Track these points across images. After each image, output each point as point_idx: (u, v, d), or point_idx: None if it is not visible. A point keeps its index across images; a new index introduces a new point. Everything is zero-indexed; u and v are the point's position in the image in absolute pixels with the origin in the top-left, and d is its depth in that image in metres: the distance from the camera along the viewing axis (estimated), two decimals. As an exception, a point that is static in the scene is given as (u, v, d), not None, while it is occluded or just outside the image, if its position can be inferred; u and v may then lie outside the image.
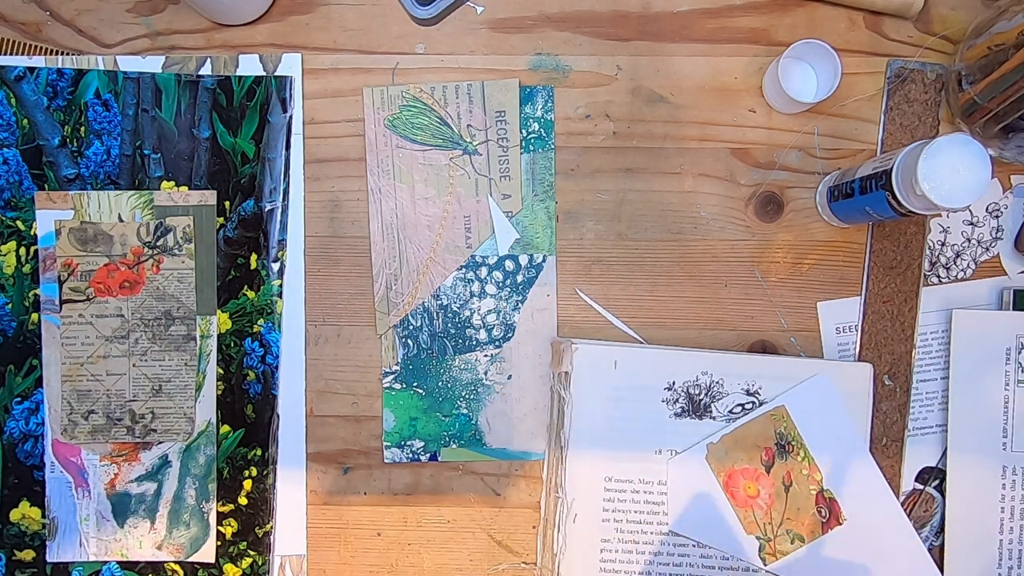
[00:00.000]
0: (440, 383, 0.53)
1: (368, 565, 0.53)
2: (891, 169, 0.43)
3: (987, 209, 0.53)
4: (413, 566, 0.53)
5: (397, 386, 0.53)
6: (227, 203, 0.52)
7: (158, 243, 0.51)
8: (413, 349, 0.53)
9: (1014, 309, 0.52)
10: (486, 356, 0.53)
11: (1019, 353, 0.51)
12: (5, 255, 0.52)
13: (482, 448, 0.53)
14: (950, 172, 0.41)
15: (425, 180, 0.53)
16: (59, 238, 0.51)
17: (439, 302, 0.52)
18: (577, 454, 0.50)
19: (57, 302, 0.51)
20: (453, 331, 0.53)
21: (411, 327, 0.52)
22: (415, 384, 0.53)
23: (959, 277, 0.53)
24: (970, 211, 0.53)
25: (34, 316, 0.52)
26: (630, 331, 0.53)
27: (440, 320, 0.52)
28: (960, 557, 0.51)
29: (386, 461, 0.53)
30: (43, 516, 0.51)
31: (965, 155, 0.41)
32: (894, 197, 0.43)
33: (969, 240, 0.53)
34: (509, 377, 0.53)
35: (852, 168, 0.49)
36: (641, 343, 0.53)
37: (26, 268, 0.52)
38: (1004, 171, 0.53)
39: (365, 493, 0.53)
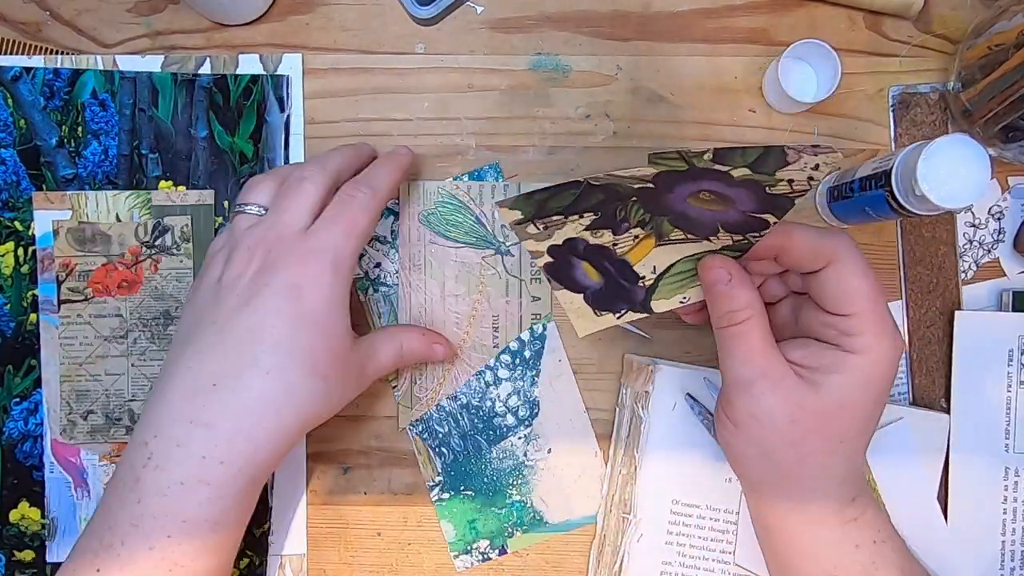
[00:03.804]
0: (485, 479, 0.52)
1: (368, 565, 0.53)
2: (891, 169, 0.43)
3: (989, 211, 0.53)
4: (413, 566, 0.53)
5: (445, 496, 0.52)
6: (226, 203, 0.52)
7: (156, 243, 0.51)
8: (449, 456, 0.52)
9: (1013, 311, 0.51)
10: (520, 438, 0.52)
11: (1021, 355, 0.51)
12: (3, 255, 0.52)
13: (545, 526, 0.52)
14: (950, 172, 0.40)
15: (456, 277, 0.52)
16: (57, 238, 0.51)
17: (458, 403, 0.52)
18: (648, 474, 0.49)
19: (55, 302, 0.51)
20: (481, 426, 0.52)
21: (440, 435, 0.52)
22: (462, 488, 0.52)
23: (961, 279, 0.53)
24: (972, 213, 0.53)
25: (32, 316, 0.52)
26: (636, 330, 0.53)
27: (465, 419, 0.52)
28: (961, 559, 0.51)
29: (459, 570, 0.52)
30: (42, 516, 0.51)
31: (965, 155, 0.40)
32: (893, 198, 0.43)
33: (971, 242, 0.53)
34: (549, 451, 0.52)
35: (852, 168, 0.48)
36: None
37: (24, 268, 0.52)
38: (1004, 172, 0.53)
39: (365, 493, 0.53)
